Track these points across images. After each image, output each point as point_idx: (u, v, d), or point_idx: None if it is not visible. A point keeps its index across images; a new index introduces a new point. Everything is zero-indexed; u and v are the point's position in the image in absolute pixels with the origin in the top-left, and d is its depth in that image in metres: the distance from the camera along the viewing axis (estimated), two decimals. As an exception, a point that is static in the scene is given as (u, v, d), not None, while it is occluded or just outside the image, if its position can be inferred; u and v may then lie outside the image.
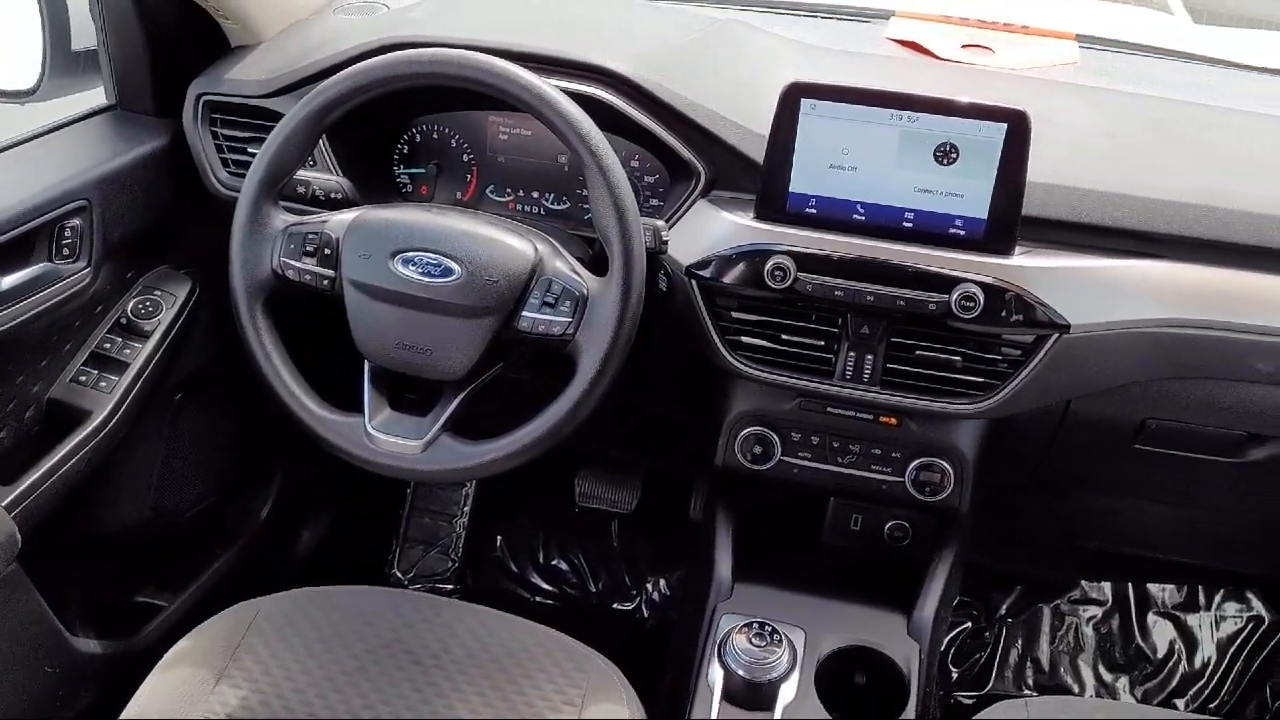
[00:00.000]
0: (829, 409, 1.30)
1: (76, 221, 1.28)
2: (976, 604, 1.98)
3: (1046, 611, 1.97)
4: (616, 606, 2.04)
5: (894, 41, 1.51)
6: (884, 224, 1.18)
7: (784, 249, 1.18)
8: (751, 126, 1.24)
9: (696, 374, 1.33)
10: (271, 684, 1.11)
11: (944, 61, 1.46)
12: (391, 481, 1.96)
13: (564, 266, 1.14)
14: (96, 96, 1.45)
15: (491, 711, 1.09)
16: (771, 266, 1.17)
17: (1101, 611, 1.97)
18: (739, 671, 1.14)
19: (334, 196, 1.33)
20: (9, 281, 1.22)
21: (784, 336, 1.22)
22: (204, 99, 1.39)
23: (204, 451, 1.64)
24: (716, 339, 1.23)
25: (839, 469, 1.34)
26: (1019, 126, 1.10)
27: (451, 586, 2.03)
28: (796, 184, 1.18)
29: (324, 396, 1.18)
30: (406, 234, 1.13)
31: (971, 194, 1.14)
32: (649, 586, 2.03)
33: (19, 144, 1.33)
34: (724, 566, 1.36)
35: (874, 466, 1.33)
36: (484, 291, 1.11)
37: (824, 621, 1.29)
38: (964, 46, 1.48)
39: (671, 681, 1.41)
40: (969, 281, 1.14)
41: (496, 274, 1.11)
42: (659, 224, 1.19)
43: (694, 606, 1.39)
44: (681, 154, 1.28)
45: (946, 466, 1.31)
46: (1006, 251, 1.15)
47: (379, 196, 1.35)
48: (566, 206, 1.40)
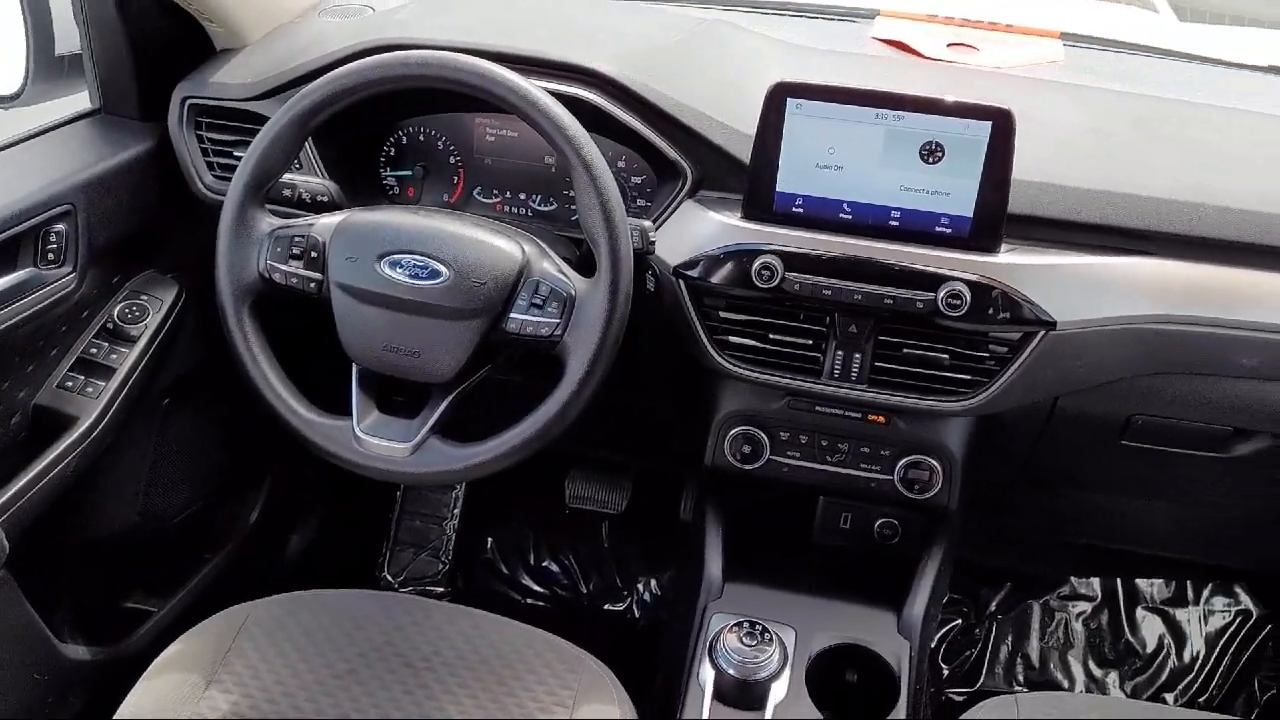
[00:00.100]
0: (817, 408, 1.31)
1: (61, 226, 1.27)
2: (966, 601, 1.98)
3: (1036, 608, 1.98)
4: (607, 607, 2.04)
5: (879, 41, 1.52)
6: (871, 223, 1.18)
7: (771, 248, 1.18)
8: (738, 126, 1.24)
9: (685, 374, 1.33)
10: (262, 688, 1.10)
11: (929, 60, 1.46)
12: (381, 484, 1.95)
13: (551, 268, 1.14)
14: (81, 101, 1.44)
15: (483, 713, 1.09)
16: (759, 266, 1.17)
17: (1091, 607, 1.98)
18: (730, 671, 1.14)
19: (320, 199, 1.33)
20: (-6, 287, 1.21)
21: (772, 336, 1.22)
22: (189, 102, 1.39)
23: (192, 456, 1.63)
24: (704, 339, 1.23)
25: (828, 468, 1.35)
26: (1004, 125, 1.11)
27: (442, 589, 2.03)
28: (783, 183, 1.18)
29: (312, 400, 1.18)
30: (393, 236, 1.13)
31: (957, 192, 1.14)
32: (640, 587, 2.03)
33: (3, 149, 1.32)
34: (714, 566, 1.36)
35: (863, 465, 1.34)
36: (471, 293, 1.11)
37: (814, 620, 1.30)
38: (949, 45, 1.49)
39: (663, 681, 1.41)
40: (956, 279, 1.14)
41: (484, 276, 1.11)
42: (646, 224, 1.19)
43: (685, 606, 1.40)
44: (668, 154, 1.28)
45: (935, 464, 1.31)
46: (993, 249, 1.16)
47: (365, 199, 1.35)
48: (554, 208, 1.40)
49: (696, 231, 1.23)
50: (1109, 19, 1.89)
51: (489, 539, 2.08)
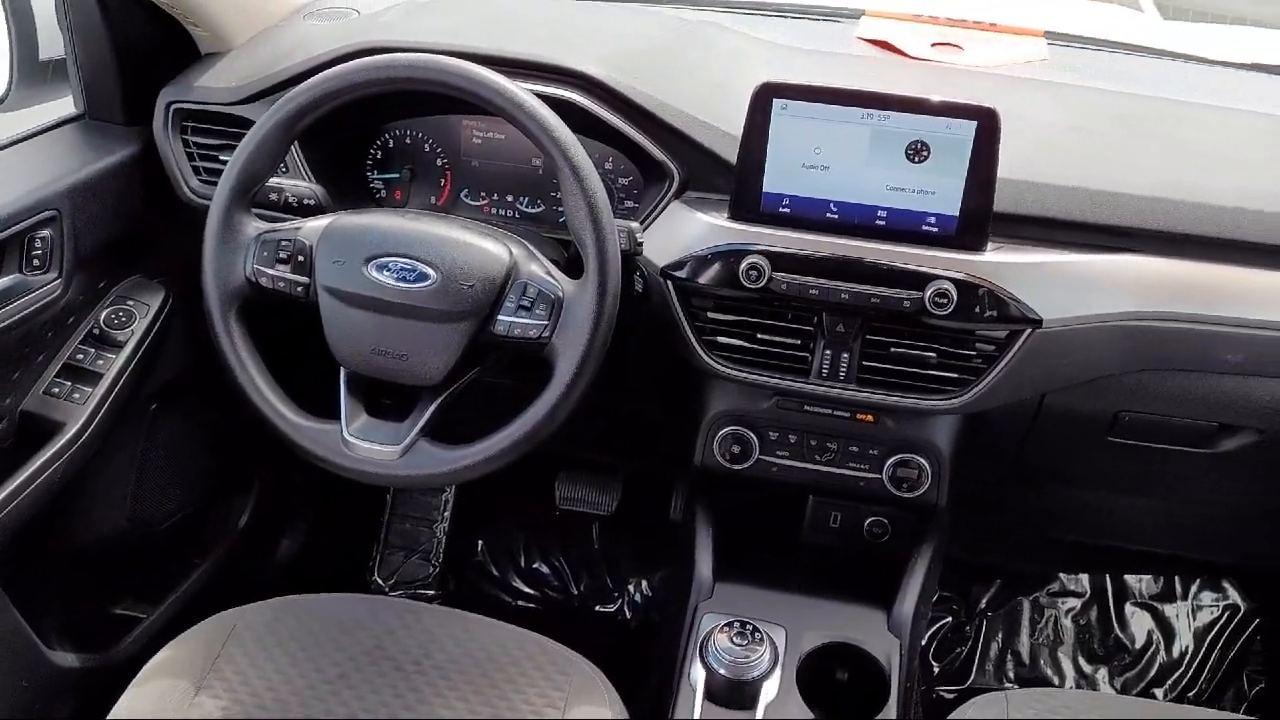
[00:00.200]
0: (806, 407, 1.31)
1: (47, 232, 1.27)
2: (956, 598, 1.99)
3: (1026, 604, 1.99)
4: (598, 608, 2.04)
5: (865, 41, 1.52)
6: (857, 222, 1.18)
7: (758, 249, 1.18)
8: (724, 127, 1.25)
9: (674, 375, 1.33)
10: (252, 694, 1.10)
11: (914, 60, 1.46)
12: (370, 488, 1.96)
13: (539, 269, 1.14)
14: (65, 106, 1.44)
15: (474, 716, 1.09)
16: (746, 266, 1.17)
17: (1080, 603, 1.99)
18: (721, 671, 1.14)
19: (307, 203, 1.32)
20: (-22, 294, 1.21)
21: (760, 336, 1.22)
22: (174, 107, 1.39)
23: (180, 461, 1.63)
24: (693, 339, 1.23)
25: (817, 467, 1.35)
26: (989, 124, 1.11)
27: (433, 592, 2.02)
28: (770, 184, 1.19)
29: (300, 404, 1.18)
30: (380, 239, 1.13)
31: (943, 191, 1.15)
32: (630, 588, 2.03)
33: None
34: (705, 566, 1.37)
35: (852, 464, 1.34)
36: (459, 296, 1.11)
37: (805, 619, 1.30)
38: (934, 45, 1.49)
39: (654, 682, 1.41)
40: (942, 278, 1.14)
41: (471, 278, 1.11)
42: (633, 225, 1.19)
43: (675, 607, 1.40)
44: (654, 155, 1.28)
45: (923, 462, 1.31)
46: (979, 248, 1.16)
47: (352, 202, 1.34)
48: (541, 209, 1.40)
49: (684, 232, 1.23)
50: (1093, 18, 1.89)
51: (479, 541, 2.08)
